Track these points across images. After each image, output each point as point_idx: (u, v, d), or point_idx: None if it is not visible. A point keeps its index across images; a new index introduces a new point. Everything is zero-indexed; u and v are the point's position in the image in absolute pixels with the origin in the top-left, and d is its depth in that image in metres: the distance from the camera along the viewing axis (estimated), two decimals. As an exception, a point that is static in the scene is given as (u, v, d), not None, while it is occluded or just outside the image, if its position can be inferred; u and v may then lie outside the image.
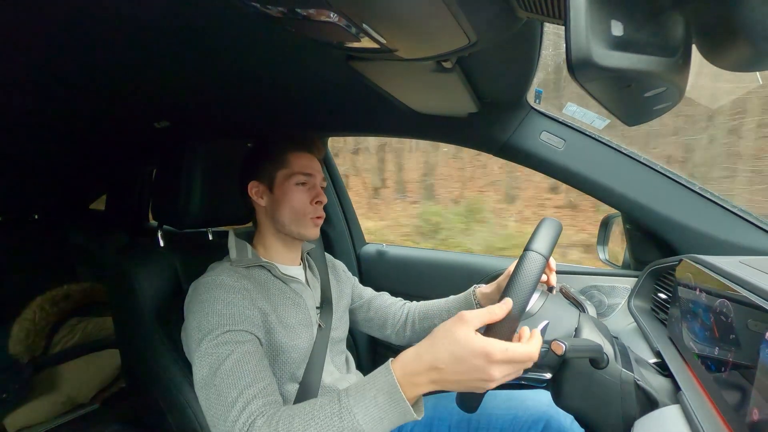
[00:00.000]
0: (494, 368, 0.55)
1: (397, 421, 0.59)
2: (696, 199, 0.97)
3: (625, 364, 0.66)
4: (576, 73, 0.39)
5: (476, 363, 0.55)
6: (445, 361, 0.57)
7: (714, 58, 0.42)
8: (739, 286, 0.55)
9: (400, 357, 0.61)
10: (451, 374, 0.57)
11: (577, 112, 1.04)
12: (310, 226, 0.93)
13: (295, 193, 0.92)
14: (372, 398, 0.59)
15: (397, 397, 0.58)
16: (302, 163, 0.94)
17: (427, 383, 0.58)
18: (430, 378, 0.58)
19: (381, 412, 0.58)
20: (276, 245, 0.96)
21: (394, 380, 0.58)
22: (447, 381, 0.57)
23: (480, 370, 0.55)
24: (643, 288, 1.00)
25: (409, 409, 0.58)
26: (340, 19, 0.56)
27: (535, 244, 0.66)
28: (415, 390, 0.58)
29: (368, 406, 0.58)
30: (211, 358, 0.71)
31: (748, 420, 0.46)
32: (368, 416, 0.58)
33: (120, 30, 0.70)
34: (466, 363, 0.56)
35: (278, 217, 0.92)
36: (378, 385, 0.59)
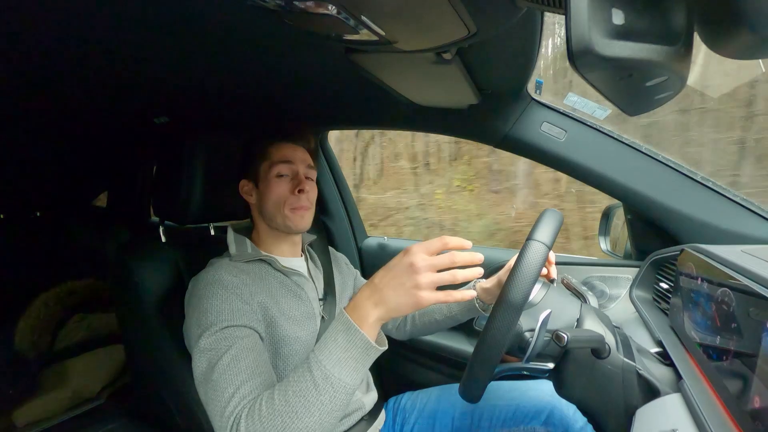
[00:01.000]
0: (416, 261, 0.59)
1: (362, 356, 0.62)
2: (697, 188, 0.97)
3: (627, 354, 0.66)
4: (577, 63, 0.39)
5: (399, 265, 0.61)
6: (378, 275, 0.63)
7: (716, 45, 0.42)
8: (740, 275, 0.55)
9: (350, 301, 0.65)
10: (386, 288, 0.61)
11: (578, 102, 1.04)
12: (296, 217, 0.91)
13: (275, 185, 0.91)
14: (333, 341, 0.62)
15: (352, 331, 0.61)
16: (282, 153, 0.93)
17: (371, 305, 0.62)
18: (372, 301, 0.62)
19: (343, 351, 0.61)
20: (272, 240, 0.96)
21: (345, 317, 0.62)
22: (385, 297, 0.61)
23: (403, 269, 0.60)
24: (644, 278, 1.00)
25: (366, 338, 0.61)
26: (338, 11, 0.55)
27: (537, 234, 0.66)
28: (364, 317, 0.62)
29: (331, 350, 0.61)
30: (209, 353, 0.71)
31: (749, 408, 0.46)
32: (333, 359, 0.61)
33: (118, 26, 0.70)
34: (393, 269, 0.61)
35: (265, 212, 0.93)
36: (335, 329, 0.63)
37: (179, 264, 1.04)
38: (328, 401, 0.60)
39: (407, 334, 1.11)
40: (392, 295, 0.61)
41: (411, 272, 0.60)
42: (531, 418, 0.93)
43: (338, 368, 0.61)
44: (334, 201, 1.67)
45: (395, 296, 0.60)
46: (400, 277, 0.60)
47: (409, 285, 0.59)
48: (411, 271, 0.60)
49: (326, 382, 0.60)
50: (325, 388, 0.60)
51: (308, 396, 0.60)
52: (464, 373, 0.66)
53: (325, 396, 0.60)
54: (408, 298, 0.60)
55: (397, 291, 0.60)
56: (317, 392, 0.60)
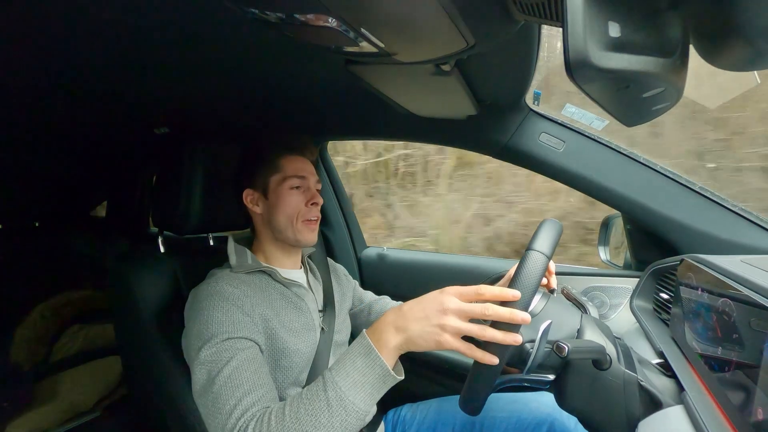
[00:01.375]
0: (447, 303, 0.59)
1: (379, 383, 0.61)
2: (696, 198, 0.97)
3: (628, 365, 0.65)
4: (574, 75, 0.40)
5: (431, 301, 0.60)
6: (408, 304, 0.63)
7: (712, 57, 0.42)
8: (741, 285, 0.55)
9: (374, 323, 0.64)
10: (411, 318, 0.60)
11: (576, 113, 1.04)
12: (306, 231, 0.92)
13: (289, 197, 0.92)
14: (351, 364, 0.61)
15: (372, 356, 0.60)
16: (295, 167, 0.94)
17: (393, 330, 0.61)
18: (395, 324, 0.61)
19: (361, 375, 0.60)
20: (275, 251, 0.95)
21: (367, 341, 0.62)
22: (408, 326, 0.60)
23: (433, 306, 0.59)
24: (644, 288, 1.00)
25: (385, 366, 0.60)
26: (338, 24, 0.56)
27: (537, 243, 0.66)
28: (385, 341, 0.61)
29: (348, 372, 0.61)
30: (209, 365, 0.71)
31: (752, 420, 0.46)
32: (349, 381, 0.60)
33: (119, 36, 0.70)
34: (423, 302, 0.61)
35: (274, 223, 0.92)
36: (354, 351, 0.62)
37: (178, 274, 1.03)
38: (339, 424, 0.60)
39: None
40: (416, 327, 0.60)
41: (440, 312, 0.59)
42: (532, 430, 0.92)
43: (353, 392, 0.60)
44: (334, 211, 1.67)
45: (418, 329, 0.60)
46: (427, 312, 0.60)
47: (434, 322, 0.59)
48: (440, 310, 0.59)
49: (340, 404, 0.60)
50: (337, 410, 0.59)
51: (320, 416, 0.59)
52: (464, 385, 0.65)
53: (337, 419, 0.59)
54: (430, 335, 0.59)
55: (422, 324, 0.59)
56: (329, 413, 0.59)
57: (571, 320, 0.74)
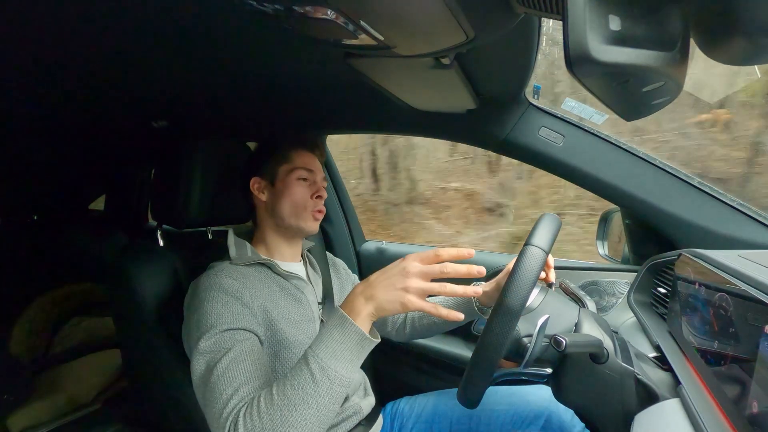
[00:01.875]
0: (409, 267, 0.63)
1: (357, 348, 0.64)
2: (695, 193, 0.97)
3: (625, 359, 0.66)
4: (574, 69, 0.39)
5: (393, 267, 0.65)
6: (375, 275, 0.67)
7: (712, 52, 0.42)
8: (738, 280, 0.55)
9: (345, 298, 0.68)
10: (378, 286, 0.64)
11: (575, 107, 1.04)
12: (310, 219, 0.95)
13: (296, 187, 0.94)
14: (328, 335, 0.64)
15: (346, 324, 0.64)
16: (304, 160, 0.97)
17: (363, 299, 0.65)
18: (364, 296, 0.65)
19: (338, 344, 0.63)
20: (276, 241, 0.96)
21: (340, 313, 0.65)
22: (376, 294, 0.64)
23: (396, 272, 0.64)
24: (642, 283, 1.00)
25: (360, 331, 0.63)
26: (337, 16, 0.55)
27: (535, 238, 0.66)
28: (357, 310, 0.64)
29: (327, 344, 0.64)
30: (208, 356, 0.72)
31: (747, 413, 0.46)
32: (329, 351, 0.63)
33: (116, 29, 0.70)
34: (388, 270, 0.66)
35: (278, 210, 0.93)
36: (330, 324, 0.66)
37: (177, 268, 1.03)
38: (326, 393, 0.62)
39: (407, 337, 1.11)
40: (382, 293, 0.64)
41: (402, 275, 0.64)
42: (529, 423, 0.93)
43: (334, 360, 0.62)
44: (333, 205, 1.67)
45: (384, 294, 0.64)
46: (391, 279, 0.64)
47: (398, 286, 0.63)
48: (402, 274, 0.64)
49: (323, 374, 0.62)
50: (322, 380, 0.62)
51: (306, 388, 0.61)
52: (462, 378, 0.65)
53: (323, 387, 0.62)
54: (396, 297, 0.63)
55: (387, 290, 0.64)
56: (315, 384, 0.61)
57: (569, 314, 0.74)
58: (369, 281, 0.66)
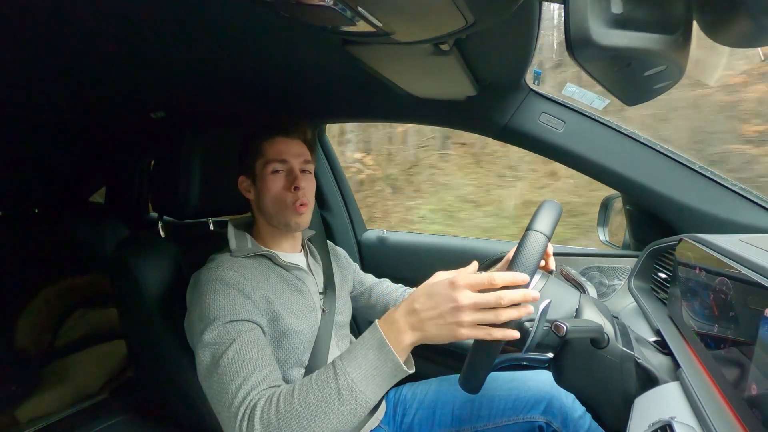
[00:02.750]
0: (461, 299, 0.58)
1: (390, 376, 0.62)
2: (696, 178, 0.97)
3: (626, 343, 0.66)
4: (576, 53, 0.39)
5: (443, 298, 0.59)
6: (419, 300, 0.61)
7: (715, 34, 0.41)
8: (738, 264, 0.55)
9: (385, 315, 0.64)
10: (425, 312, 0.60)
11: (576, 92, 1.03)
12: (294, 214, 0.90)
13: (271, 182, 0.90)
14: (363, 356, 0.62)
15: (385, 350, 0.61)
16: (276, 149, 0.91)
17: (408, 329, 0.61)
18: (409, 323, 0.61)
19: (372, 368, 0.61)
20: (272, 235, 0.96)
21: (380, 335, 0.62)
22: (424, 322, 0.60)
23: (447, 303, 0.59)
24: (643, 268, 1.01)
25: (398, 361, 0.61)
26: (335, 2, 0.55)
27: (537, 224, 0.66)
28: (399, 340, 0.61)
29: (360, 364, 0.61)
30: (213, 347, 0.72)
31: (746, 395, 0.47)
32: (361, 373, 0.61)
33: (113, 21, 0.69)
34: (435, 298, 0.60)
35: (263, 209, 0.92)
36: (367, 343, 0.62)
37: (179, 259, 1.04)
38: (348, 413, 0.61)
39: None
40: (432, 326, 0.60)
41: (454, 309, 0.59)
42: (530, 408, 0.94)
43: (364, 383, 0.61)
44: (333, 195, 1.67)
45: (435, 328, 0.60)
46: (442, 311, 0.59)
47: (450, 320, 0.59)
48: (455, 308, 0.59)
49: (350, 394, 0.60)
50: (348, 399, 0.60)
51: (330, 404, 0.60)
52: (464, 364, 0.66)
53: (347, 407, 0.60)
54: (447, 332, 0.59)
55: (438, 323, 0.60)
56: (340, 402, 0.60)
57: (570, 300, 0.74)
58: (415, 309, 0.61)
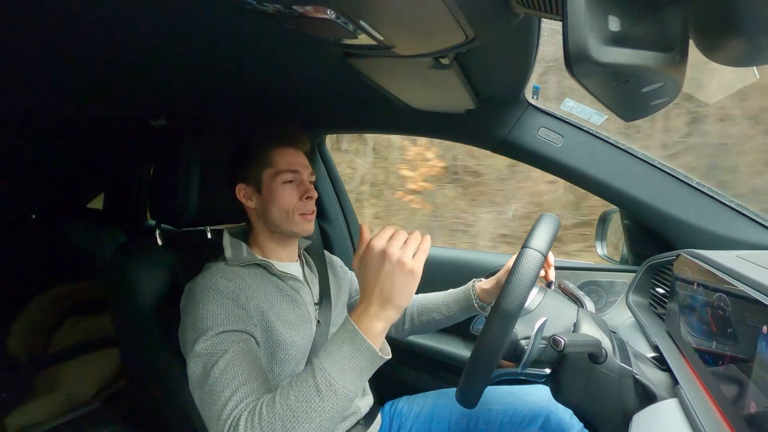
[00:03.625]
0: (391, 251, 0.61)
1: (367, 365, 0.62)
2: (693, 194, 0.97)
3: (624, 359, 0.66)
4: (574, 69, 0.39)
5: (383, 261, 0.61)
6: (365, 282, 0.63)
7: (711, 53, 0.42)
8: (736, 281, 0.55)
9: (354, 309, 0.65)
10: (383, 286, 0.62)
11: (575, 107, 1.04)
12: (303, 222, 0.92)
13: (283, 192, 0.90)
14: (337, 350, 0.62)
15: (358, 339, 0.61)
16: (288, 160, 0.92)
17: (377, 311, 0.62)
18: (377, 305, 0.62)
19: (349, 359, 0.61)
20: (271, 244, 0.95)
21: (352, 325, 0.62)
22: (385, 296, 0.62)
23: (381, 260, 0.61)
24: (641, 283, 1.01)
25: (373, 348, 0.61)
26: (337, 16, 0.55)
27: (533, 241, 0.66)
28: (371, 326, 0.62)
29: (336, 358, 0.62)
30: (205, 358, 0.71)
31: (745, 413, 0.46)
32: (338, 366, 0.61)
33: (115, 28, 0.70)
34: (370, 266, 0.62)
35: (269, 217, 0.91)
36: (340, 336, 0.63)
37: (175, 267, 1.03)
38: (330, 408, 0.61)
39: (406, 333, 1.11)
40: (397, 292, 0.61)
41: (398, 263, 0.61)
42: (527, 423, 0.93)
43: (342, 376, 0.61)
44: (332, 204, 1.67)
45: (392, 286, 0.61)
46: (383, 269, 0.61)
47: (396, 270, 0.61)
48: (397, 262, 0.61)
49: (329, 389, 0.60)
50: (328, 395, 0.60)
51: (311, 402, 0.60)
52: (461, 378, 0.66)
53: (327, 403, 0.60)
54: (403, 279, 0.61)
55: (400, 286, 0.61)
56: (320, 399, 0.60)
57: (568, 314, 0.74)
58: (368, 290, 0.63)
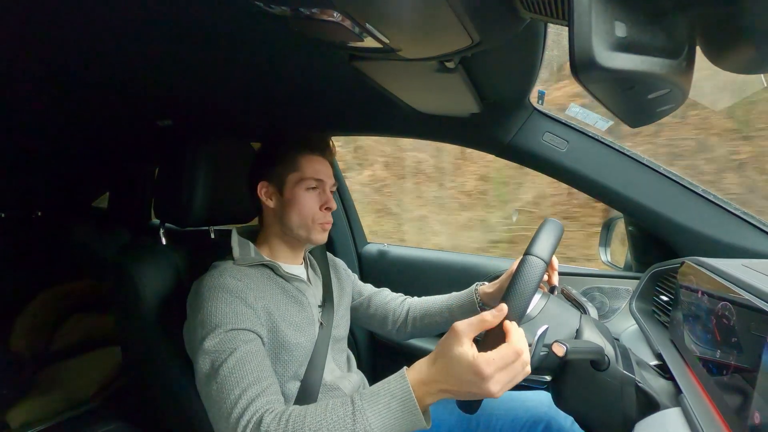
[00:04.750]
0: (489, 382, 0.56)
1: (407, 428, 0.61)
2: (698, 201, 0.97)
3: (626, 366, 0.65)
4: (579, 75, 0.39)
5: (471, 379, 0.57)
6: (446, 376, 0.59)
7: (718, 60, 0.42)
8: (741, 289, 0.55)
9: (414, 366, 0.63)
10: (455, 387, 0.59)
11: (579, 113, 1.04)
12: (318, 231, 0.93)
13: (305, 199, 0.91)
14: (386, 403, 0.60)
15: (410, 405, 0.59)
16: (314, 168, 0.93)
17: (437, 392, 0.60)
18: (438, 388, 0.60)
19: (393, 418, 0.60)
20: (281, 246, 0.96)
21: (408, 387, 0.60)
22: (454, 393, 0.60)
23: (476, 384, 0.57)
24: (644, 290, 1.00)
25: (420, 417, 0.59)
26: (343, 18, 0.56)
27: (536, 248, 0.66)
28: (425, 397, 0.60)
29: (381, 411, 0.60)
30: (214, 355, 0.72)
31: (749, 423, 0.46)
32: (380, 420, 0.59)
33: (123, 28, 0.70)
34: (464, 379, 0.58)
35: (286, 220, 0.92)
36: (392, 391, 0.61)
37: (179, 267, 1.03)
38: None
39: (408, 335, 1.10)
40: (464, 395, 0.60)
41: (481, 381, 0.56)
42: (528, 429, 0.92)
43: (381, 431, 0.59)
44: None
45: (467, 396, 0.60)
46: (472, 387, 0.58)
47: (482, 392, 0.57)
48: (481, 380, 0.56)
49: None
50: None
51: None
52: None
53: None
54: (480, 396, 0.59)
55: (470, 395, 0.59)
56: None
57: (571, 320, 0.74)
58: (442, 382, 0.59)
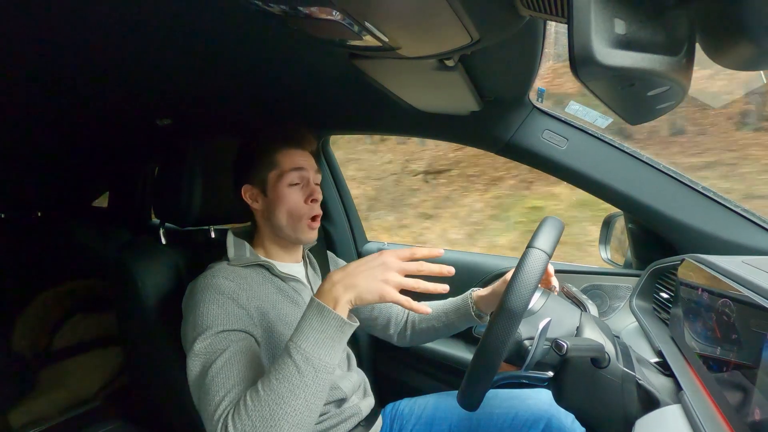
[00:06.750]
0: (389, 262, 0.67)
1: (338, 335, 0.65)
2: (699, 198, 0.97)
3: (627, 364, 0.65)
4: (579, 72, 0.39)
5: (373, 260, 0.68)
6: (352, 265, 0.69)
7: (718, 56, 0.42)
8: (741, 286, 0.55)
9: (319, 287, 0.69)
10: (358, 275, 0.67)
11: (579, 110, 1.04)
12: (305, 230, 0.91)
13: (288, 195, 0.90)
14: (307, 326, 0.65)
15: (325, 312, 0.65)
16: (292, 160, 0.91)
17: (343, 290, 0.66)
18: (343, 285, 0.66)
19: (319, 332, 0.64)
20: (275, 247, 0.95)
21: (317, 302, 0.66)
22: (355, 282, 0.66)
23: (376, 264, 0.67)
24: (644, 287, 1.00)
25: (339, 317, 0.64)
26: (342, 17, 0.56)
27: (538, 241, 0.66)
28: (335, 299, 0.66)
29: (307, 334, 0.64)
30: (203, 357, 0.72)
31: (749, 420, 0.46)
32: (310, 341, 0.64)
33: (122, 27, 0.70)
34: (367, 262, 0.68)
35: (274, 220, 0.91)
36: (308, 315, 0.66)
37: (179, 266, 1.04)
38: (312, 382, 0.63)
39: (408, 341, 1.10)
40: (362, 281, 0.66)
41: (383, 268, 0.67)
42: (529, 427, 0.92)
43: (316, 348, 0.63)
44: (335, 205, 1.67)
45: (365, 283, 0.66)
46: (372, 270, 0.67)
47: (379, 278, 0.66)
48: (383, 267, 0.67)
49: (307, 363, 0.63)
50: (306, 369, 0.63)
51: (292, 380, 0.62)
52: (463, 380, 0.65)
53: (308, 377, 0.63)
54: (376, 288, 0.66)
55: (368, 279, 0.66)
56: (300, 375, 0.62)
57: (571, 318, 0.74)
58: (347, 271, 0.68)
